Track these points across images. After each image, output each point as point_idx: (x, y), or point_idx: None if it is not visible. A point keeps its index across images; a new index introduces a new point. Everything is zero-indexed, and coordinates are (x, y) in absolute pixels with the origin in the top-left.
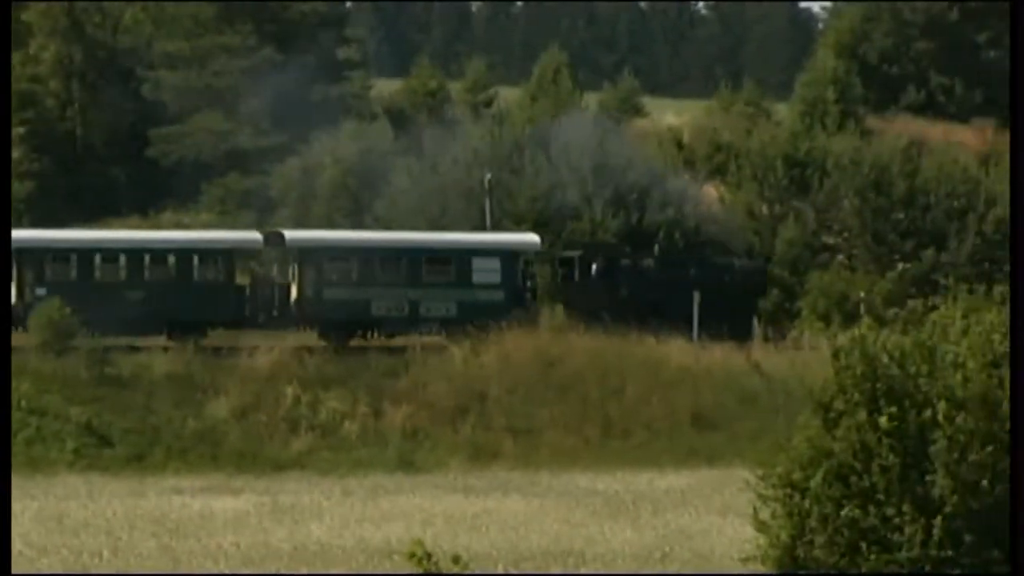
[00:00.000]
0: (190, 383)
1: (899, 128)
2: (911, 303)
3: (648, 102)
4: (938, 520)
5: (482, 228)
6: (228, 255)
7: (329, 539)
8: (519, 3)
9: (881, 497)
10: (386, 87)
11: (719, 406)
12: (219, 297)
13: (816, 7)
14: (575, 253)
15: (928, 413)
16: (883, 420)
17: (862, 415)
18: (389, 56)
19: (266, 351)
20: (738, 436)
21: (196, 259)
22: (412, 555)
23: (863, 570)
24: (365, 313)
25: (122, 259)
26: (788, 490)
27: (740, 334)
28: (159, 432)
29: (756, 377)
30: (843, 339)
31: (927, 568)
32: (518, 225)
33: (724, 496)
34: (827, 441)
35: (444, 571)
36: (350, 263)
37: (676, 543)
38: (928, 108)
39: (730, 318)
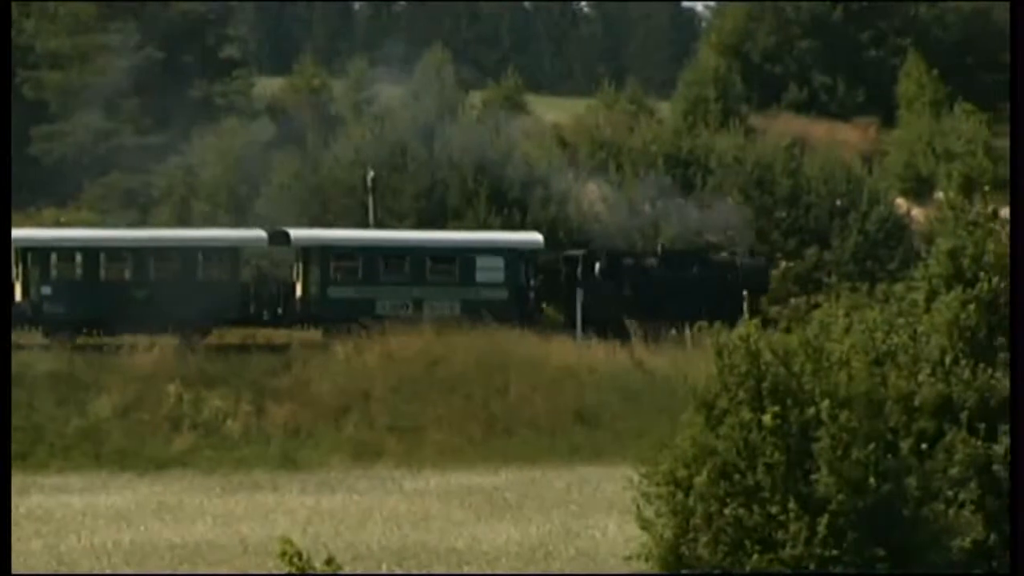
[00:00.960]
0: (73, 381)
1: (782, 126)
2: (794, 301)
3: (532, 100)
4: (822, 518)
5: (364, 226)
6: (233, 253)
7: (211, 537)
8: (401, 1)
9: (765, 495)
10: (269, 85)
11: (602, 404)
12: (224, 295)
13: (699, 6)
14: (579, 252)
15: (812, 411)
16: (767, 418)
17: (746, 413)
18: (271, 54)
19: (145, 350)
20: (621, 434)
21: (201, 257)
22: (283, 554)
23: (747, 568)
24: (370, 311)
25: (127, 257)
26: (672, 488)
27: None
28: (42, 430)
29: (639, 375)
30: (727, 337)
31: (811, 566)
32: (400, 223)
33: (608, 494)
34: (711, 439)
35: (318, 571)
36: (355, 262)
37: (559, 541)
38: (811, 106)
39: (729, 315)
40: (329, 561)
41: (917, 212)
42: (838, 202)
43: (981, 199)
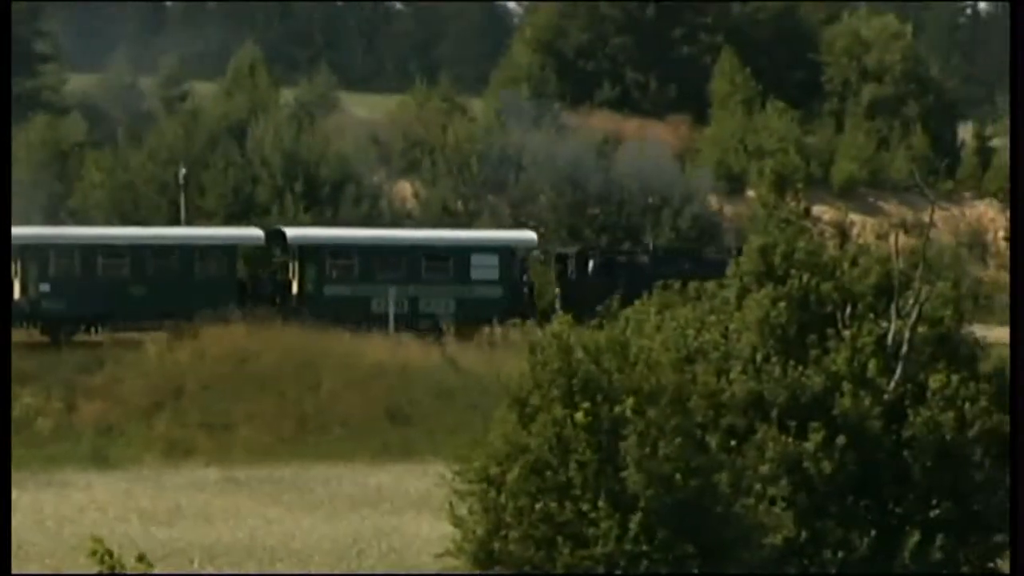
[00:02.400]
0: None
1: (595, 123)
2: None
3: (344, 97)
4: (632, 515)
5: (176, 223)
6: (230, 251)
7: (22, 536)
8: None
9: (577, 492)
10: (80, 81)
11: (415, 401)
12: (221, 293)
13: (511, 4)
14: (571, 250)
15: (621, 408)
16: (578, 416)
17: (558, 410)
18: (83, 50)
19: None
20: (434, 431)
21: (198, 255)
22: (94, 552)
23: (558, 566)
24: (365, 310)
25: (125, 255)
26: (484, 485)
27: None
28: None
29: (452, 372)
30: (539, 334)
31: (622, 563)
32: (210, 220)
33: (420, 491)
34: (523, 436)
35: (129, 570)
36: (351, 260)
37: (372, 538)
38: (624, 104)
39: None
40: (140, 558)
41: (730, 209)
42: (650, 199)
43: (792, 196)
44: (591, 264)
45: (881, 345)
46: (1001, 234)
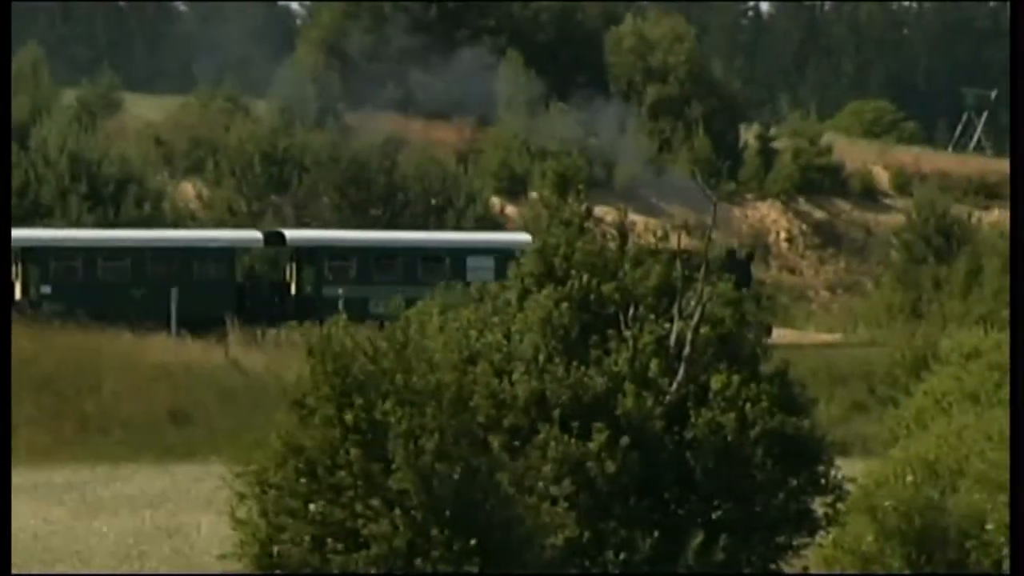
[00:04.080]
0: None
1: (378, 125)
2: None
3: (127, 98)
4: (408, 515)
5: None
6: (229, 254)
7: None
8: None
9: (351, 493)
10: None
11: (197, 402)
12: (220, 295)
13: (294, 5)
14: None
15: (397, 408)
16: (351, 415)
17: (331, 410)
18: None
19: None
20: (216, 432)
21: (197, 258)
22: None
23: (333, 566)
24: (363, 311)
25: (125, 257)
26: (263, 486)
27: None
28: None
29: (235, 373)
30: (315, 335)
31: (398, 563)
32: None
33: (203, 493)
34: (300, 437)
35: None
36: (348, 262)
37: (154, 540)
38: (407, 105)
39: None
40: None
41: (512, 210)
42: (434, 200)
43: (575, 197)
44: None
45: (663, 346)
46: (783, 235)
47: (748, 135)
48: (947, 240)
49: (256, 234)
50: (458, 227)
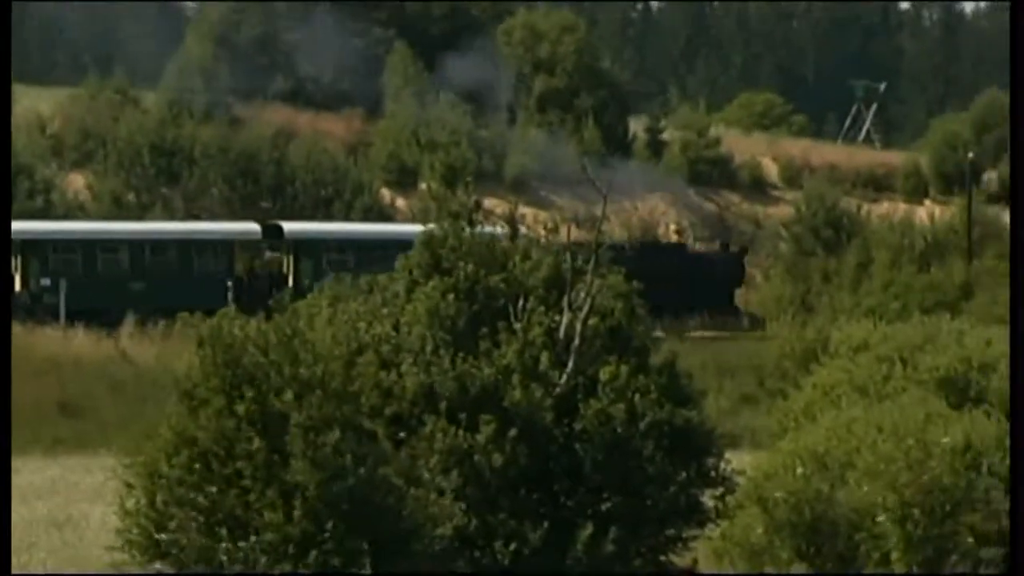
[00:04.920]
0: None
1: (268, 117)
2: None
3: (18, 90)
4: (298, 504)
5: None
6: (227, 246)
7: None
8: None
9: (246, 483)
10: None
11: (87, 394)
12: (218, 287)
13: None
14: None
15: (288, 399)
16: (243, 407)
17: (222, 401)
18: None
19: None
20: (106, 424)
21: (195, 250)
22: None
23: (219, 554)
24: None
25: (124, 250)
26: (152, 477)
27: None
28: None
29: (125, 365)
30: (204, 326)
31: (289, 551)
32: None
33: (92, 485)
34: (191, 428)
35: None
36: (345, 254)
37: (44, 532)
38: (297, 97)
39: (716, 304)
40: None
41: (402, 202)
42: (323, 192)
43: (463, 189)
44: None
45: (553, 338)
46: (672, 227)
47: (637, 127)
48: (836, 232)
49: (254, 226)
50: (347, 219)
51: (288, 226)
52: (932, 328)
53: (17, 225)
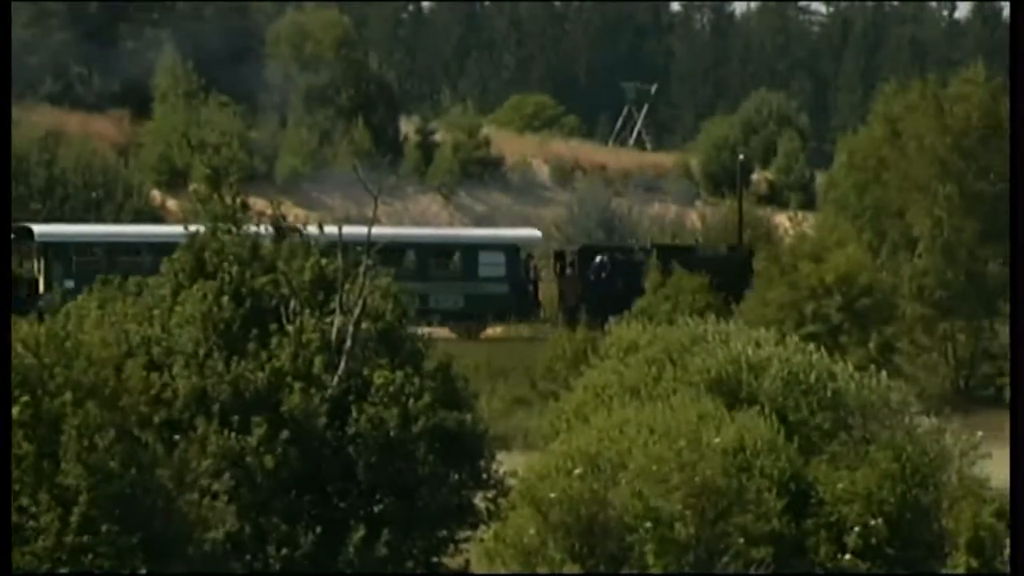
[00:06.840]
0: None
1: (37, 118)
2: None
3: None
4: (73, 509)
5: None
6: None
7: None
8: None
9: (17, 488)
10: None
11: None
12: None
13: None
14: (573, 247)
15: (60, 402)
16: (15, 410)
17: None
18: None
19: None
20: None
21: None
22: None
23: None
24: None
25: (144, 252)
26: None
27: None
28: None
29: None
30: None
31: (63, 556)
32: None
33: None
34: None
35: None
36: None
37: None
38: (66, 98)
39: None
40: None
41: (173, 204)
42: (94, 194)
43: (228, 191)
44: (597, 260)
45: (325, 340)
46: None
47: (408, 128)
48: (608, 233)
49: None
50: (117, 220)
51: (39, 228)
52: (698, 330)
53: (41, 228)
